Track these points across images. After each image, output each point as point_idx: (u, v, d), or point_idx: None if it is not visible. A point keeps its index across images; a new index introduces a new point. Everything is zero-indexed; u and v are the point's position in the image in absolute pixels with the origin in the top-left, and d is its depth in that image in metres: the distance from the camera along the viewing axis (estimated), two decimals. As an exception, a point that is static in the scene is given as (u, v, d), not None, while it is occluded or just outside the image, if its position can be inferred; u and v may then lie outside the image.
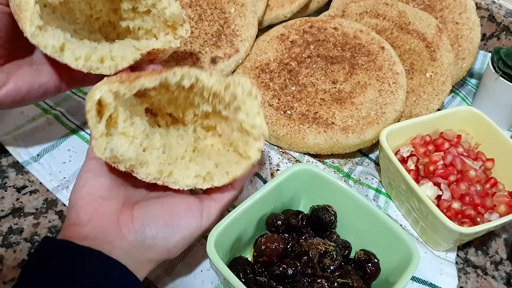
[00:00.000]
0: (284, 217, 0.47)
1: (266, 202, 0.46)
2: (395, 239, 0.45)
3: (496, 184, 0.56)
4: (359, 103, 0.61)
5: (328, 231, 0.48)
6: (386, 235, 0.45)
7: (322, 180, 0.48)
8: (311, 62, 0.65)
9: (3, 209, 0.50)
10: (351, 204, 0.47)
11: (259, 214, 0.47)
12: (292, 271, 0.42)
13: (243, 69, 0.66)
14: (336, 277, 0.43)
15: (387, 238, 0.45)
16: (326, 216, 0.47)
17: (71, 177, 0.53)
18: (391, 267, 0.45)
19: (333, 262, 0.44)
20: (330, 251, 0.44)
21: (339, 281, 0.43)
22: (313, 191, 0.49)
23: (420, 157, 0.57)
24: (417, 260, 0.42)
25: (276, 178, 0.46)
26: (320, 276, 0.43)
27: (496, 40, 0.86)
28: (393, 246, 0.45)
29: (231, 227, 0.43)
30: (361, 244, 0.47)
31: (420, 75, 0.66)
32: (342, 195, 0.48)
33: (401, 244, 0.44)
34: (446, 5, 0.75)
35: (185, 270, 0.48)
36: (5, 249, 0.47)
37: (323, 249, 0.44)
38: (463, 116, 0.60)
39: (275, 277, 0.43)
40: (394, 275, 0.43)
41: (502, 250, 0.57)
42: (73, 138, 0.57)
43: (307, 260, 0.44)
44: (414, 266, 0.41)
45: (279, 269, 0.42)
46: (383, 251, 0.46)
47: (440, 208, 0.51)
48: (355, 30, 0.68)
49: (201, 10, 0.65)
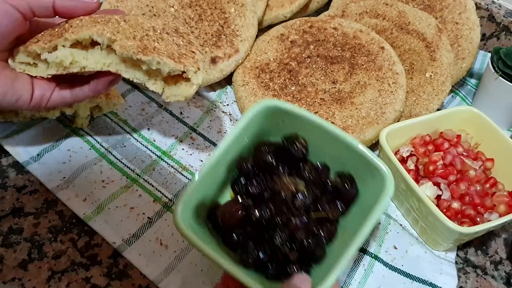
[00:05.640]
0: (253, 158, 0.47)
1: (236, 145, 0.46)
2: (368, 165, 0.44)
3: (495, 184, 0.56)
4: (359, 103, 0.61)
5: (301, 163, 0.47)
6: (359, 161, 0.45)
7: (288, 114, 0.47)
8: (311, 62, 0.65)
9: (3, 209, 0.50)
10: (321, 132, 0.46)
11: (233, 156, 0.47)
12: (266, 215, 0.43)
13: (243, 69, 0.66)
14: (310, 214, 0.44)
15: (360, 165, 0.45)
16: (296, 149, 0.46)
17: (71, 177, 0.53)
18: (367, 192, 0.45)
19: (305, 200, 0.44)
20: (301, 191, 0.44)
21: (313, 216, 0.43)
22: (283, 124, 0.48)
23: (420, 157, 0.57)
24: (391, 187, 0.42)
25: (242, 120, 0.45)
26: (294, 215, 0.43)
27: (496, 40, 0.86)
28: (367, 173, 0.45)
29: (205, 179, 0.43)
30: (338, 168, 0.47)
31: (420, 75, 0.66)
32: (310, 124, 0.46)
33: (375, 171, 0.44)
34: (445, 5, 0.75)
35: (185, 270, 0.48)
36: (5, 249, 0.47)
37: (293, 189, 0.44)
38: (463, 116, 0.60)
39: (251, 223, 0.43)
40: (370, 201, 0.43)
41: (502, 250, 0.57)
42: (73, 138, 0.57)
43: (280, 201, 0.44)
44: (388, 193, 0.42)
45: (254, 216, 0.43)
46: (360, 176, 0.46)
47: (439, 208, 0.51)
48: (355, 30, 0.68)
49: (201, 10, 0.65)
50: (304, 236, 0.42)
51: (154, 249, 0.49)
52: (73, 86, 0.45)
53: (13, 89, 0.42)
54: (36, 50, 0.43)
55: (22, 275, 0.45)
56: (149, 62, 0.43)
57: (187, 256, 0.49)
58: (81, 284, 0.46)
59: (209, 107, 0.65)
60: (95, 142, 0.57)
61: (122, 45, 0.42)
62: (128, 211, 0.51)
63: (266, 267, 0.43)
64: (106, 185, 0.53)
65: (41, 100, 0.44)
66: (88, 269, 0.47)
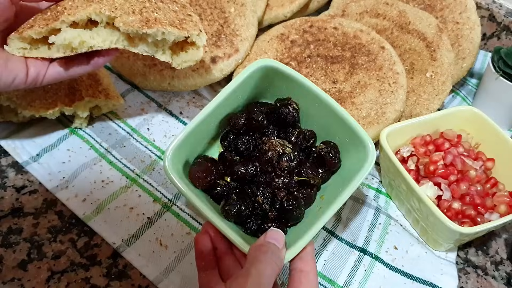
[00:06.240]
0: (246, 116, 0.49)
1: (231, 101, 0.48)
2: (354, 137, 0.47)
3: (496, 184, 0.56)
4: (359, 103, 0.60)
5: (290, 127, 0.50)
6: (345, 131, 0.47)
7: (284, 75, 0.49)
8: (311, 61, 0.65)
9: (3, 209, 0.49)
10: (313, 98, 0.48)
11: (225, 112, 0.49)
12: (251, 171, 0.46)
13: (243, 68, 0.65)
14: (294, 175, 0.46)
15: (346, 133, 0.47)
16: (288, 113, 0.49)
17: (71, 177, 0.53)
18: (351, 162, 0.47)
19: (290, 162, 0.47)
20: (287, 153, 0.47)
21: (296, 179, 0.46)
22: (277, 85, 0.50)
23: (421, 157, 0.57)
24: (372, 157, 0.45)
25: (239, 77, 0.47)
26: (278, 175, 0.46)
27: (497, 40, 0.85)
28: (353, 141, 0.47)
29: (196, 132, 0.45)
30: (325, 136, 0.50)
31: (420, 75, 0.66)
32: (303, 89, 0.49)
33: (359, 143, 0.46)
34: (446, 4, 0.75)
35: (185, 270, 0.48)
36: (5, 249, 0.47)
37: (280, 151, 0.47)
38: (463, 116, 0.60)
39: (235, 178, 0.46)
40: (351, 171, 0.46)
41: (502, 250, 0.57)
42: (72, 138, 0.57)
43: (266, 160, 0.46)
44: (369, 164, 0.44)
45: (239, 171, 0.46)
46: (344, 145, 0.48)
47: (440, 208, 0.51)
48: (355, 29, 0.68)
49: (201, 10, 0.65)
50: (285, 196, 0.45)
51: (153, 249, 0.49)
52: (69, 61, 0.45)
53: (7, 69, 0.42)
54: (32, 35, 0.42)
55: (22, 275, 0.45)
56: (155, 34, 0.44)
57: (187, 256, 0.49)
58: (81, 285, 0.45)
59: (209, 107, 0.65)
60: (94, 142, 0.57)
61: (125, 22, 0.42)
62: (128, 211, 0.51)
63: (245, 222, 0.45)
64: (106, 185, 0.53)
65: (37, 77, 0.45)
66: (87, 269, 0.47)
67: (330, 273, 0.51)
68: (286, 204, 0.45)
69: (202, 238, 0.42)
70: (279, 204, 0.46)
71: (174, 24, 0.45)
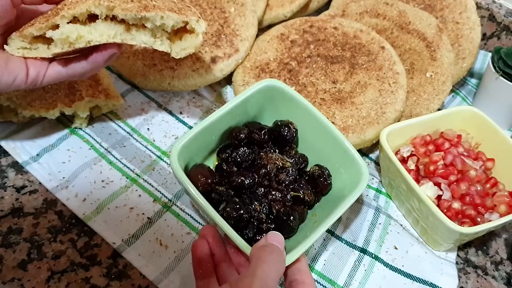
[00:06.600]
0: (248, 130, 0.51)
1: (233, 115, 0.50)
2: (349, 159, 0.49)
3: (496, 184, 0.56)
4: (359, 103, 0.60)
5: (288, 146, 0.52)
6: (341, 154, 0.49)
7: (287, 96, 0.51)
8: (311, 61, 0.65)
9: (3, 209, 0.49)
10: (312, 122, 0.51)
11: (225, 126, 0.51)
12: (249, 181, 0.47)
13: (243, 68, 0.66)
14: (289, 190, 0.48)
15: (341, 158, 0.50)
16: (287, 132, 0.51)
17: (71, 177, 0.53)
18: (342, 185, 0.49)
19: (288, 177, 0.49)
20: (286, 167, 0.49)
21: (292, 194, 0.48)
22: (278, 106, 0.53)
23: (421, 157, 0.57)
24: (365, 181, 0.47)
25: (244, 93, 0.49)
26: (275, 188, 0.48)
27: (497, 40, 0.85)
28: (346, 166, 0.49)
29: (198, 137, 0.46)
30: (318, 160, 0.52)
31: (420, 74, 0.66)
32: (305, 112, 0.51)
33: (354, 165, 0.48)
34: (446, 4, 0.74)
35: (185, 270, 0.48)
36: (5, 249, 0.47)
37: (280, 164, 0.49)
38: (463, 116, 0.60)
39: (233, 186, 0.47)
40: (344, 192, 0.47)
41: (503, 250, 0.57)
42: (72, 138, 0.57)
43: (264, 173, 0.48)
44: (362, 186, 0.46)
45: (238, 180, 0.47)
46: (336, 169, 0.51)
47: (440, 208, 0.51)
48: (355, 29, 0.68)
49: (201, 10, 0.65)
50: (281, 207, 0.47)
51: (153, 249, 0.49)
52: (68, 61, 0.45)
53: (7, 70, 0.42)
54: (33, 32, 0.42)
55: (22, 275, 0.45)
56: (153, 18, 0.43)
57: (187, 256, 0.49)
58: (81, 285, 0.45)
59: (209, 107, 0.65)
60: (94, 142, 0.57)
61: (123, 8, 0.42)
62: (128, 211, 0.51)
63: (243, 227, 0.45)
64: (106, 185, 0.53)
65: (37, 77, 0.45)
66: (87, 269, 0.47)
67: (330, 273, 0.51)
68: (283, 214, 0.46)
69: (200, 244, 0.42)
70: (275, 215, 0.47)
71: (173, 10, 0.45)
